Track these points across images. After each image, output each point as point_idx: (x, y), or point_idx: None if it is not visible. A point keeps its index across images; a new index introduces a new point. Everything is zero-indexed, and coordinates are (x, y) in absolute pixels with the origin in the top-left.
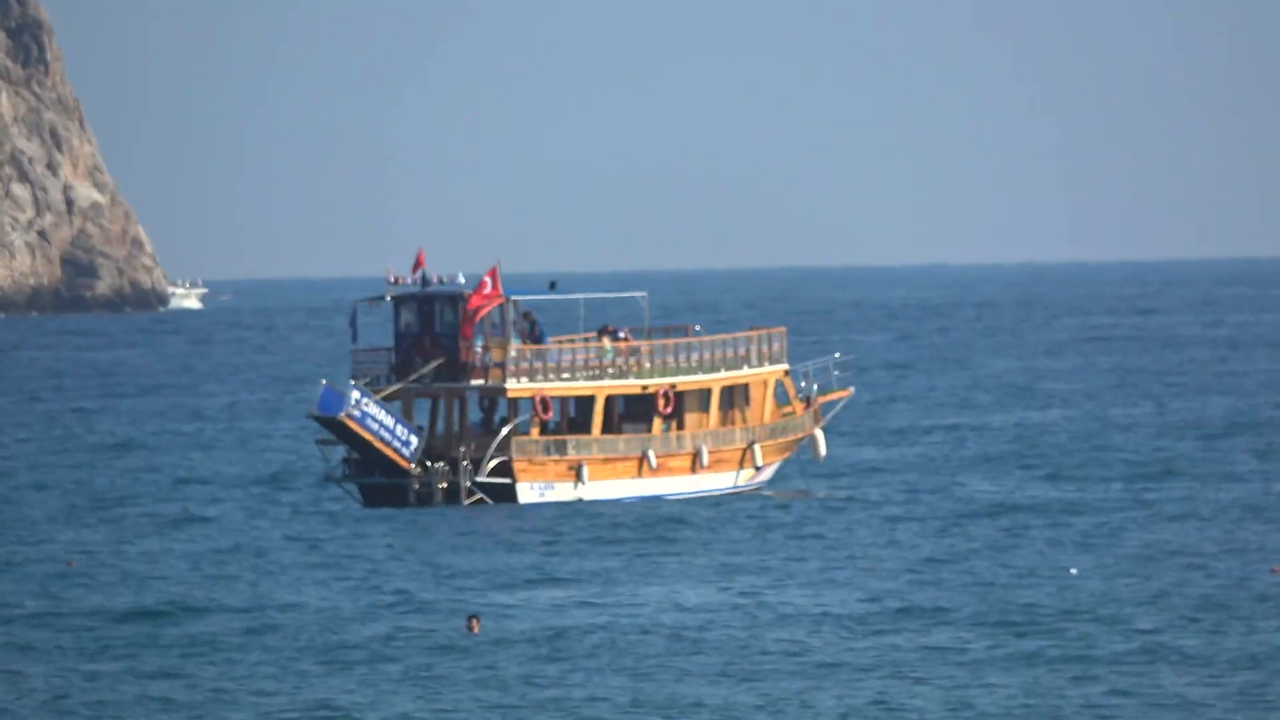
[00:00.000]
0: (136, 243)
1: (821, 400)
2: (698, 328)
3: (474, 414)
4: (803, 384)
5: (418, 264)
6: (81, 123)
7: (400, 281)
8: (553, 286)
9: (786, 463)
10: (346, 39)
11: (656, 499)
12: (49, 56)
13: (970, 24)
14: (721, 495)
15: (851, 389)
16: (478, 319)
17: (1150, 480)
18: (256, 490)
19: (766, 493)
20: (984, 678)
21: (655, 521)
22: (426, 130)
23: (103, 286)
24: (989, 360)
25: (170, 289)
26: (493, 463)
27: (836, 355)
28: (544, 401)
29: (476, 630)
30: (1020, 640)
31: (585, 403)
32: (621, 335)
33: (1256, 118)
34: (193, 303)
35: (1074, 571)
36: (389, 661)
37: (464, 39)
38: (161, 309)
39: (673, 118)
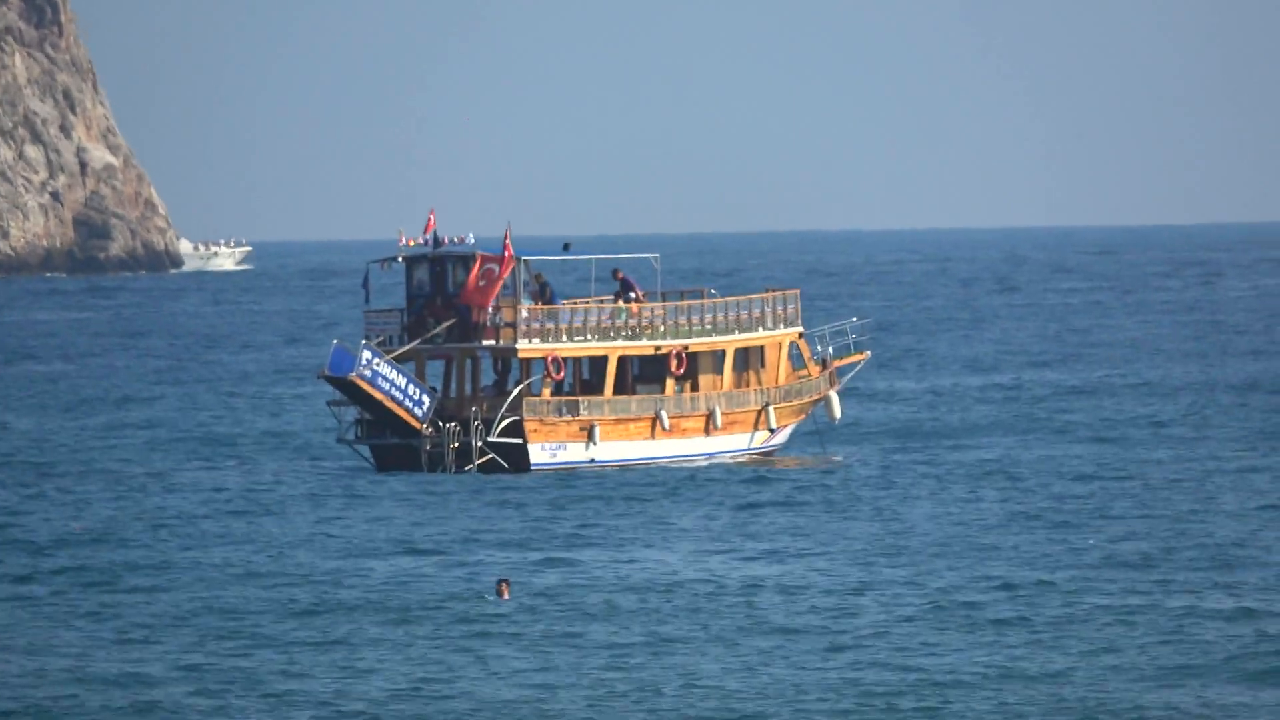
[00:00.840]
0: (150, 204)
1: (837, 364)
2: (713, 290)
3: (488, 375)
4: (818, 347)
5: (429, 226)
6: (95, 85)
7: (412, 243)
8: (566, 248)
9: (801, 425)
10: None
11: (670, 460)
12: (62, 18)
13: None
14: (735, 457)
15: (868, 352)
16: (496, 284)
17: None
18: (269, 450)
19: (780, 455)
20: (987, 638)
21: (672, 483)
22: (438, 94)
23: (116, 248)
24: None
25: (213, 249)
26: (504, 423)
27: (854, 319)
28: (556, 362)
29: (506, 596)
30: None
31: (598, 363)
32: (634, 296)
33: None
34: (230, 264)
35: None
36: (410, 624)
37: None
38: (173, 270)
39: (683, 85)
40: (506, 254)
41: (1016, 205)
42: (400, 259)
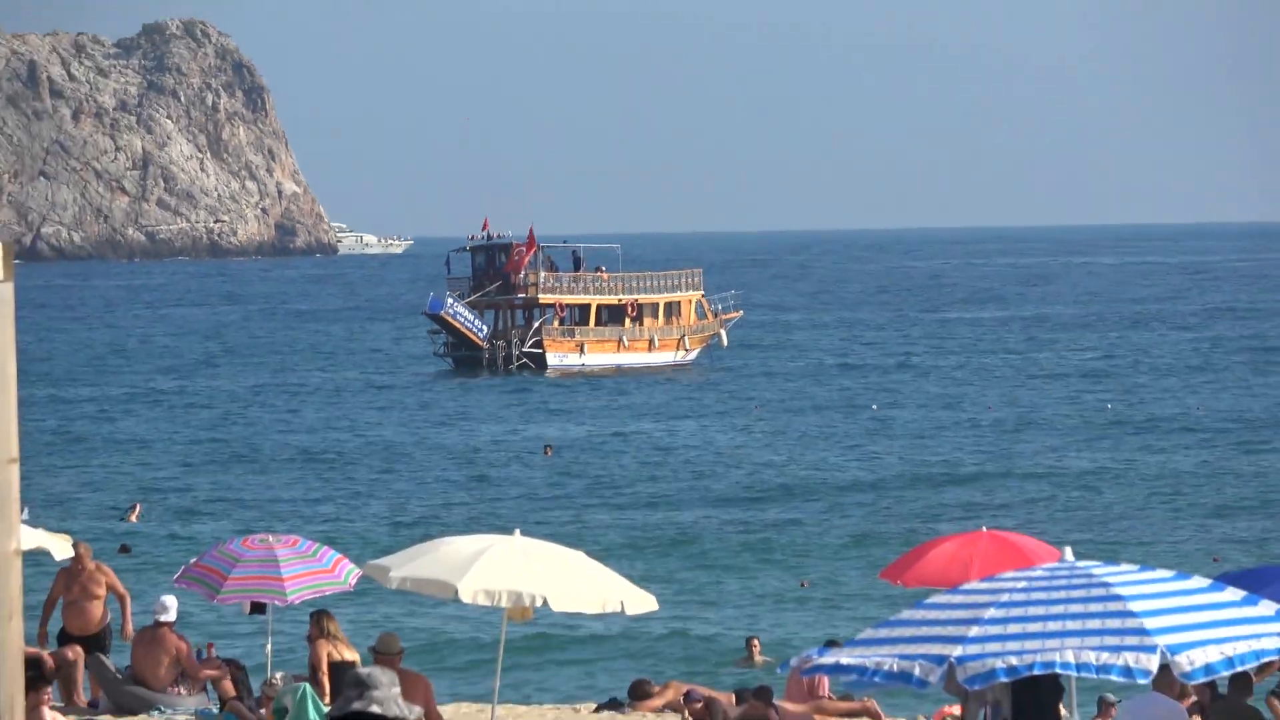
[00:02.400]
0: (318, 215)
1: (725, 316)
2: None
3: (519, 316)
4: (716, 306)
5: (484, 226)
6: (286, 143)
7: (475, 238)
8: (566, 242)
9: (704, 349)
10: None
11: (628, 366)
12: (266, 105)
13: None
14: (665, 366)
15: (741, 311)
16: (525, 262)
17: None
18: (400, 356)
19: (691, 366)
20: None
21: (630, 380)
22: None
23: (298, 242)
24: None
25: (387, 242)
26: (531, 342)
27: (731, 291)
28: (561, 307)
29: (550, 454)
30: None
31: (585, 308)
32: (599, 268)
33: None
34: (375, 250)
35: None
36: (485, 482)
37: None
38: (333, 255)
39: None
40: (530, 243)
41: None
42: (468, 248)
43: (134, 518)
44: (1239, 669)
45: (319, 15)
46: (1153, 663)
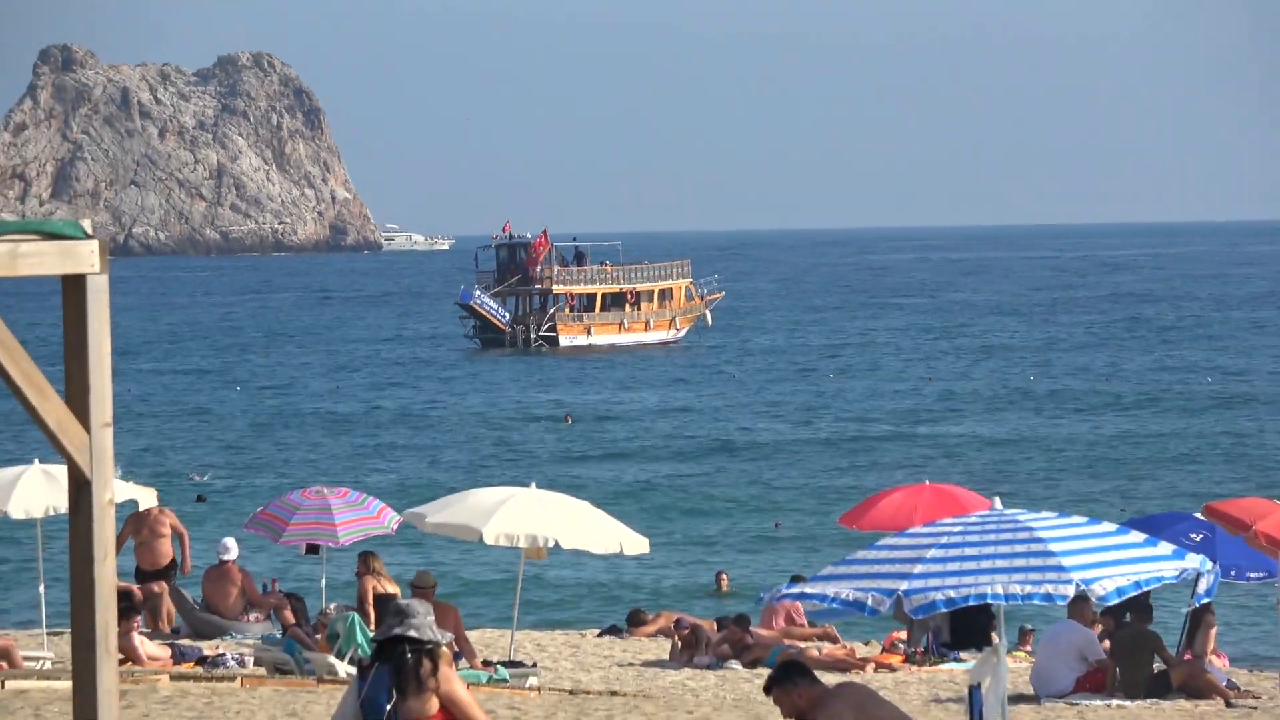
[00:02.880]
0: (366, 217)
1: (709, 298)
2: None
3: (536, 303)
4: (702, 290)
5: (506, 227)
6: (338, 156)
7: (498, 237)
8: (575, 240)
9: (692, 328)
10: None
11: (628, 345)
12: (322, 124)
13: None
14: (659, 343)
15: (722, 293)
16: (540, 258)
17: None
18: (435, 336)
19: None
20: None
21: (630, 356)
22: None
23: (348, 240)
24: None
25: (432, 240)
26: (546, 326)
27: (715, 276)
28: (571, 296)
29: (570, 422)
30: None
31: (591, 297)
32: (603, 262)
33: None
34: (421, 247)
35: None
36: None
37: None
38: (378, 251)
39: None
40: (544, 241)
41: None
42: (493, 245)
43: (203, 477)
44: (1140, 591)
45: (372, 43)
46: (1069, 590)
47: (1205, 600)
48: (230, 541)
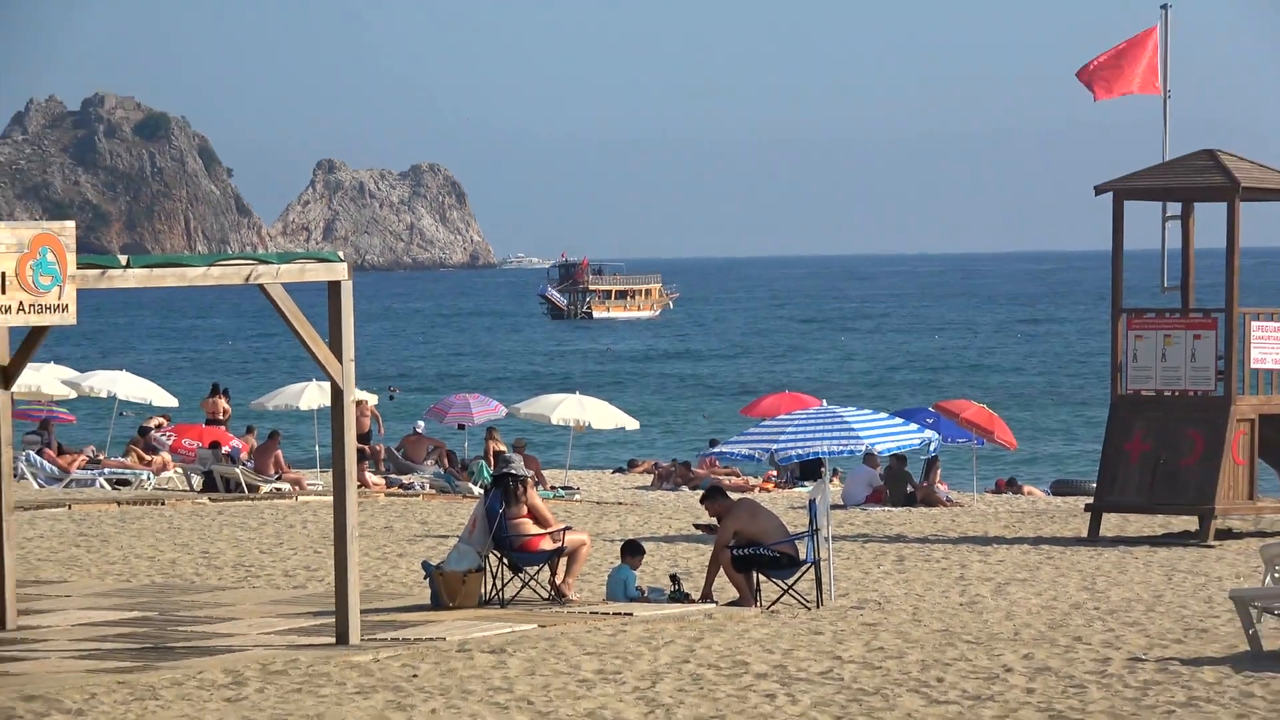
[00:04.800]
0: (489, 249)
1: (670, 295)
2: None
3: (579, 295)
4: (668, 290)
5: (563, 256)
6: (473, 216)
7: (559, 260)
8: (600, 261)
9: (663, 311)
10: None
11: (627, 319)
12: (465, 199)
13: None
14: (645, 318)
15: (678, 294)
16: (582, 271)
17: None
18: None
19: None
20: None
21: (630, 326)
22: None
23: (480, 263)
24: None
25: (544, 261)
26: (585, 307)
27: (673, 284)
28: (598, 290)
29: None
30: None
31: (609, 291)
32: (615, 274)
33: None
34: (532, 265)
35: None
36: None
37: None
38: (497, 269)
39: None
40: (584, 263)
41: None
42: (558, 265)
43: (397, 390)
44: (902, 451)
45: (509, 142)
46: (862, 448)
47: (934, 454)
48: (420, 422)
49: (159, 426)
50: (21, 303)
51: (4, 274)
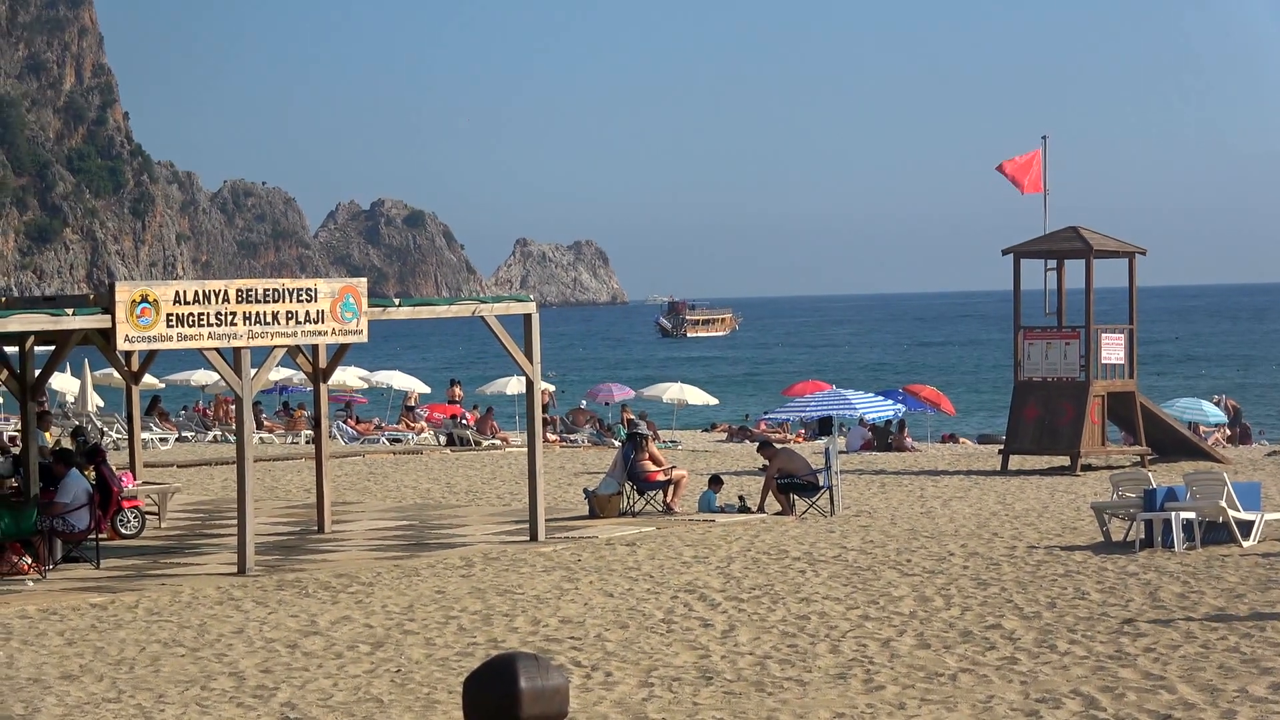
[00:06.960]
0: (621, 292)
1: (737, 319)
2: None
3: (680, 321)
4: (738, 318)
5: (669, 298)
6: (614, 273)
7: (666, 299)
8: (691, 299)
9: (733, 331)
10: None
11: (712, 335)
12: (609, 264)
13: None
14: (722, 335)
15: (742, 318)
16: (682, 308)
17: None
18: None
19: None
20: None
21: (712, 342)
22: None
23: (616, 302)
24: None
25: (670, 299)
26: (685, 329)
27: (739, 313)
28: (693, 319)
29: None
30: None
31: (698, 319)
32: (702, 309)
33: None
34: (659, 301)
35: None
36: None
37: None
38: (629, 305)
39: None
40: (683, 302)
41: None
42: (666, 302)
43: (554, 374)
44: (882, 421)
45: (642, 194)
46: (858, 416)
47: (901, 418)
48: (582, 401)
49: (416, 404)
50: (334, 329)
51: (324, 311)
